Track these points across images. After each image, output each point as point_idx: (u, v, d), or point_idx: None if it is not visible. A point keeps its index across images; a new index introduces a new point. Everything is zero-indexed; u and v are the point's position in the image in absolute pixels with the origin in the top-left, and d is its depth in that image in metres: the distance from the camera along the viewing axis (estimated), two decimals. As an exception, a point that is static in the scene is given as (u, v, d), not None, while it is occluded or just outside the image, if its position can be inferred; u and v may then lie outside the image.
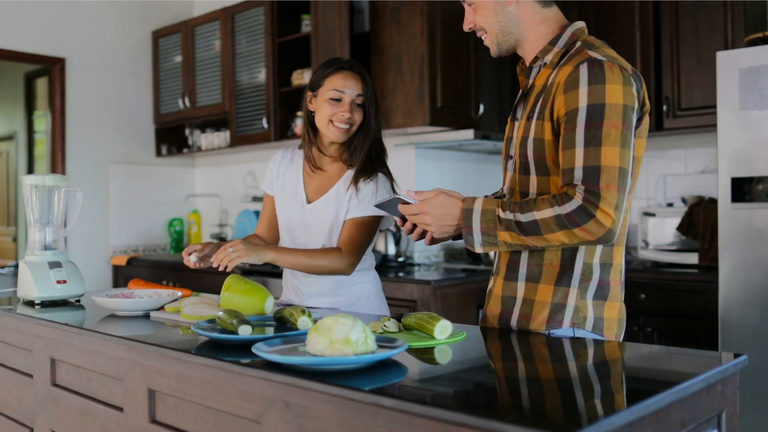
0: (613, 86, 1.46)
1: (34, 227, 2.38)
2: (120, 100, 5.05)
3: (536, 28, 1.64)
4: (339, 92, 2.12)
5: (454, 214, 1.56)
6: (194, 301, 1.97)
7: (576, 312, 1.58)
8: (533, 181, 1.60)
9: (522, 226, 1.48)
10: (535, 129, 1.57)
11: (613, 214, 1.43)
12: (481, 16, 1.66)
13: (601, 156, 1.44)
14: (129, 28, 5.09)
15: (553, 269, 1.59)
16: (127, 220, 5.08)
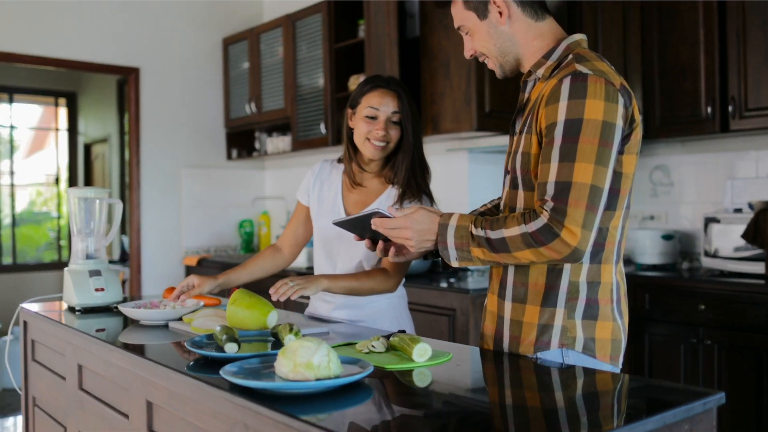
0: (593, 101, 1.44)
1: (77, 237, 2.52)
2: (192, 106, 5.26)
3: (531, 43, 1.62)
4: (374, 110, 2.12)
5: (432, 229, 1.57)
6: (207, 314, 2.04)
7: (564, 332, 1.56)
8: (520, 196, 1.59)
9: (492, 243, 1.49)
10: (524, 143, 1.57)
11: (579, 232, 1.42)
12: (478, 41, 1.65)
13: (574, 172, 1.42)
14: (200, 36, 5.29)
15: (538, 289, 1.58)
16: (198, 222, 5.28)
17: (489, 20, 1.61)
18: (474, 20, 1.63)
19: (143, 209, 5.05)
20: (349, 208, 2.25)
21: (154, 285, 5.08)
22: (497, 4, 1.60)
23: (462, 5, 1.65)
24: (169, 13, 5.14)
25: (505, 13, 1.60)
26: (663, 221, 3.99)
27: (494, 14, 1.60)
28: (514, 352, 1.62)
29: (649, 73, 3.74)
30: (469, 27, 1.65)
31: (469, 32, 1.66)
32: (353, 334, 2.06)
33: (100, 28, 4.87)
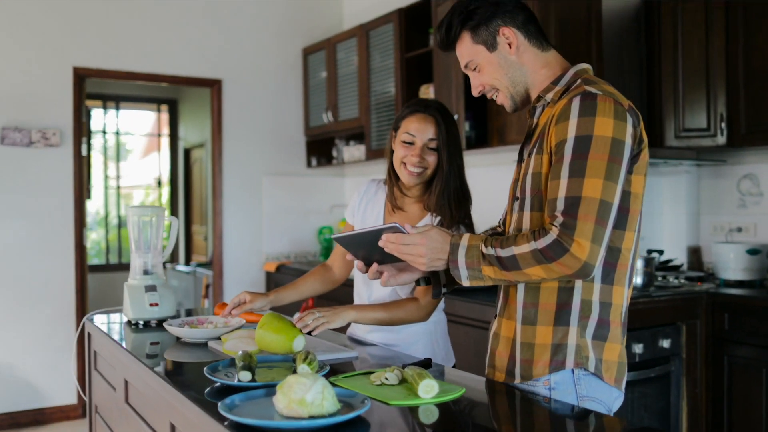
0: (603, 119, 1.46)
1: (136, 253, 2.63)
2: (272, 115, 5.38)
3: (539, 72, 1.66)
4: (411, 135, 2.09)
5: (444, 248, 1.58)
6: (241, 335, 2.08)
7: (578, 351, 1.56)
8: (526, 217, 1.60)
9: (502, 261, 1.50)
10: (534, 164, 1.58)
11: (588, 246, 1.42)
12: (487, 75, 1.67)
13: (583, 187, 1.44)
14: (281, 46, 5.40)
15: (550, 308, 1.58)
16: (279, 229, 5.40)
17: (498, 51, 1.64)
18: (483, 53, 1.65)
19: (225, 216, 5.21)
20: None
21: (235, 290, 5.23)
22: (506, 35, 1.63)
23: (469, 40, 1.67)
24: (251, 25, 5.28)
25: (515, 43, 1.63)
26: (751, 234, 3.75)
27: (503, 45, 1.64)
28: (527, 379, 1.60)
29: (733, 77, 3.52)
30: (479, 62, 1.67)
31: (478, 67, 1.68)
32: (384, 358, 2.04)
33: (185, 42, 5.07)
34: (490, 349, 1.76)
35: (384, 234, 1.64)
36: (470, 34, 1.66)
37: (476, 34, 1.65)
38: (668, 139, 3.70)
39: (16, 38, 4.53)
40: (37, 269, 4.57)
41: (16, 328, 4.50)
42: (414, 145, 2.10)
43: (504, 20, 1.63)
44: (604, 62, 3.65)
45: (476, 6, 1.65)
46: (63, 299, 4.63)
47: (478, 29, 1.65)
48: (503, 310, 1.70)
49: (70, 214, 4.65)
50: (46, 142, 4.54)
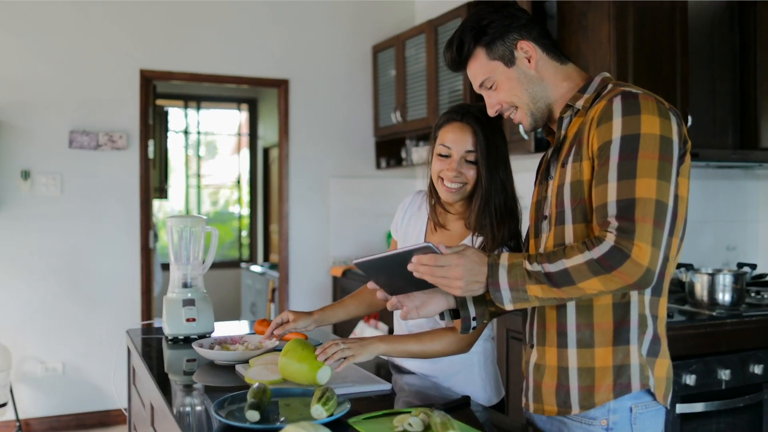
0: (648, 116, 1.39)
1: (175, 265, 2.52)
2: (340, 115, 5.25)
3: (561, 85, 1.59)
4: (446, 147, 1.88)
5: (482, 270, 1.44)
6: (267, 360, 1.93)
7: (641, 371, 1.47)
8: (569, 231, 1.50)
9: (552, 277, 1.39)
10: (572, 172, 1.49)
11: (649, 250, 1.32)
12: (505, 93, 1.59)
13: (635, 188, 1.35)
14: (349, 44, 5.25)
15: (607, 327, 1.48)
16: (346, 232, 5.27)
17: (517, 66, 1.57)
18: (500, 69, 1.58)
19: (291, 219, 5.12)
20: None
21: (301, 294, 5.14)
22: (524, 48, 1.56)
23: (484, 57, 1.59)
24: (318, 23, 5.15)
25: (534, 57, 1.56)
26: None
27: (522, 60, 1.57)
28: (587, 408, 1.50)
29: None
30: (496, 79, 1.59)
31: (495, 85, 1.60)
32: (420, 392, 1.85)
33: (251, 43, 4.99)
34: (533, 383, 1.60)
35: (415, 256, 1.45)
36: (485, 50, 1.58)
37: (492, 49, 1.58)
38: (764, 140, 3.33)
39: (83, 42, 4.56)
40: (104, 271, 4.60)
41: (83, 330, 4.54)
42: (450, 158, 1.88)
43: (520, 33, 1.57)
44: (690, 55, 3.31)
45: (489, 21, 1.57)
46: (129, 302, 4.64)
47: (493, 44, 1.57)
48: (541, 337, 1.58)
49: (137, 217, 4.66)
50: (113, 145, 4.56)
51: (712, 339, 2.85)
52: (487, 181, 1.86)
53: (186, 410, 1.69)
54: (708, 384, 2.76)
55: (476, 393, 1.94)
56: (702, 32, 3.44)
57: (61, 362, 4.50)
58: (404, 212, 2.15)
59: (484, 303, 1.61)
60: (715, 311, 2.94)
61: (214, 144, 9.06)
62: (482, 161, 1.85)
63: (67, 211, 4.52)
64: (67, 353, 4.51)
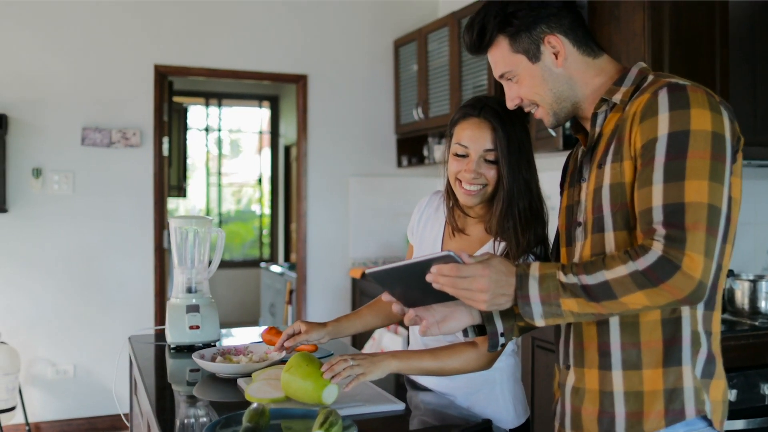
0: (699, 110, 1.25)
1: (179, 269, 2.38)
2: (360, 112, 5.09)
3: (592, 81, 1.44)
4: (463, 147, 1.71)
5: (510, 281, 1.30)
6: (270, 375, 1.78)
7: (697, 395, 1.32)
8: (609, 238, 1.35)
9: (590, 290, 1.24)
10: (611, 174, 1.34)
11: (702, 261, 1.18)
12: (527, 89, 1.45)
13: (685, 191, 1.22)
14: (370, 38, 5.10)
15: (656, 346, 1.33)
16: (366, 232, 5.12)
17: (542, 63, 1.42)
18: (524, 64, 1.43)
19: (309, 219, 4.97)
20: None
21: (319, 296, 5.00)
22: (552, 44, 1.41)
23: (507, 48, 1.44)
24: (338, 16, 5.00)
25: (562, 53, 1.41)
26: None
27: (548, 56, 1.42)
28: None
29: None
30: (518, 73, 1.45)
31: (516, 78, 1.46)
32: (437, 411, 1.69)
33: (268, 37, 4.85)
34: (571, 408, 1.44)
35: (434, 265, 1.29)
36: (508, 40, 1.43)
37: (516, 41, 1.42)
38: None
39: (96, 37, 4.45)
40: (117, 272, 4.49)
41: (95, 332, 4.43)
42: (468, 158, 1.71)
43: (549, 26, 1.40)
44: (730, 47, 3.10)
45: (515, 8, 1.41)
46: (142, 303, 4.53)
47: (518, 36, 1.41)
48: (579, 357, 1.42)
49: (150, 216, 4.54)
50: (127, 142, 4.44)
51: (754, 351, 2.65)
52: (510, 181, 1.69)
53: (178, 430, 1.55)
54: (750, 399, 2.57)
55: (498, 413, 1.77)
56: (743, 23, 3.23)
57: (72, 364, 4.40)
58: (420, 214, 1.99)
59: (513, 317, 1.47)
60: (758, 321, 2.74)
61: (237, 142, 8.98)
62: (503, 160, 1.68)
63: (79, 209, 4.41)
64: (79, 355, 4.40)
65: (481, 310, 1.38)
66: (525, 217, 1.70)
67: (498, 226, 1.72)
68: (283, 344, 1.95)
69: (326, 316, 4.90)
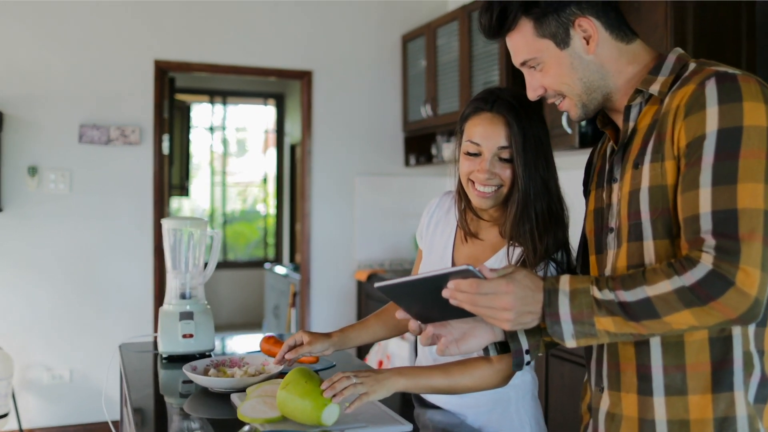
0: (752, 104, 1.12)
1: (172, 273, 2.24)
2: (367, 109, 4.95)
3: (625, 70, 1.29)
4: (475, 144, 1.58)
5: (537, 297, 1.17)
6: (266, 392, 1.63)
7: (751, 424, 1.18)
8: (648, 248, 1.21)
9: (629, 307, 1.12)
10: (650, 175, 1.20)
11: (758, 276, 1.06)
12: (553, 78, 1.30)
13: (737, 196, 1.09)
14: (377, 33, 4.95)
15: (703, 370, 1.19)
16: (372, 234, 4.97)
17: (571, 49, 1.27)
18: (550, 51, 1.28)
19: (313, 219, 4.83)
20: (459, 262, 1.71)
21: (324, 300, 4.85)
22: (583, 27, 1.26)
23: (531, 32, 1.28)
24: (344, 11, 4.86)
25: (594, 38, 1.26)
26: None
27: (578, 41, 1.27)
28: None
29: None
30: (543, 60, 1.29)
31: (541, 66, 1.30)
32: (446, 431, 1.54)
33: (272, 32, 4.71)
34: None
35: (452, 280, 1.17)
36: (533, 24, 1.28)
37: (542, 24, 1.27)
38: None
39: (94, 31, 4.31)
40: (115, 273, 4.35)
41: (92, 335, 4.30)
42: (481, 157, 1.58)
43: (580, 7, 1.26)
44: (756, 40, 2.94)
45: None
46: (141, 306, 4.39)
47: (544, 19, 1.27)
48: (614, 380, 1.28)
49: (150, 216, 4.40)
50: (125, 140, 4.31)
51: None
52: (526, 181, 1.55)
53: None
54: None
55: (515, 435, 1.62)
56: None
57: (68, 369, 4.26)
58: (430, 217, 1.85)
59: (539, 332, 1.33)
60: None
61: (242, 141, 8.86)
62: (518, 158, 1.55)
63: (76, 209, 4.27)
64: (75, 360, 4.26)
65: (504, 329, 1.24)
66: (543, 220, 1.57)
67: (513, 229, 1.59)
68: (283, 356, 1.81)
69: (331, 320, 4.77)
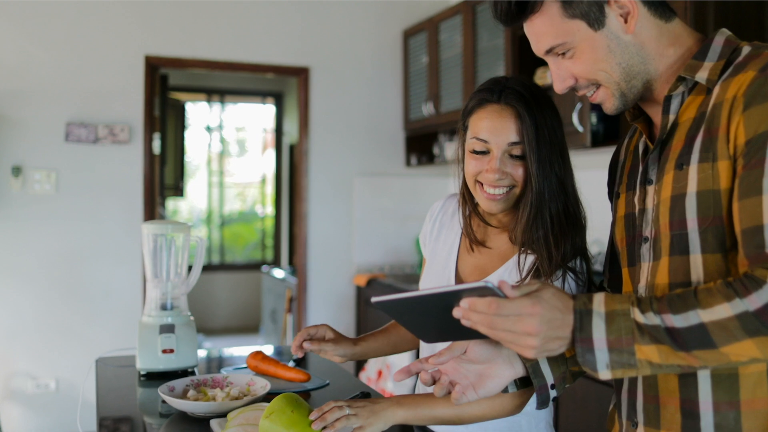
0: None
1: (152, 282, 2.06)
2: (367, 107, 4.78)
3: (665, 52, 1.12)
4: (482, 142, 1.40)
5: (567, 320, 0.99)
6: (248, 419, 1.45)
7: None
8: (695, 263, 1.05)
9: (678, 335, 0.95)
10: (698, 177, 1.04)
11: None
12: (587, 64, 1.12)
13: None
14: (377, 28, 4.78)
15: (761, 407, 1.02)
16: (372, 237, 4.80)
17: (607, 29, 1.10)
18: (583, 33, 1.11)
19: (310, 221, 4.65)
20: (464, 272, 1.54)
21: (321, 305, 4.68)
22: (619, 3, 1.09)
23: (559, 13, 1.10)
24: (342, 5, 4.68)
25: (633, 14, 1.09)
26: None
27: (614, 19, 1.10)
28: None
29: None
30: (574, 45, 1.11)
31: (572, 52, 1.13)
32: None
33: (268, 27, 4.54)
34: None
35: (465, 298, 0.98)
36: (560, 3, 1.11)
37: (571, 3, 1.10)
38: None
39: (82, 25, 4.13)
40: (103, 278, 4.18)
41: (79, 343, 4.13)
42: (489, 155, 1.41)
43: None
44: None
45: None
46: (130, 313, 4.21)
47: None
48: (652, 415, 1.12)
49: (139, 218, 4.22)
50: (114, 139, 4.13)
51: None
52: (540, 180, 1.38)
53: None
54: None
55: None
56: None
57: (54, 378, 4.08)
58: (433, 222, 1.68)
59: (564, 362, 1.16)
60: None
61: (241, 141, 8.70)
62: (531, 155, 1.38)
63: (62, 211, 4.10)
64: (62, 369, 4.09)
65: (526, 357, 1.05)
66: (559, 224, 1.40)
67: (525, 235, 1.41)
68: (301, 344, 1.63)
69: (329, 326, 4.59)
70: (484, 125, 1.40)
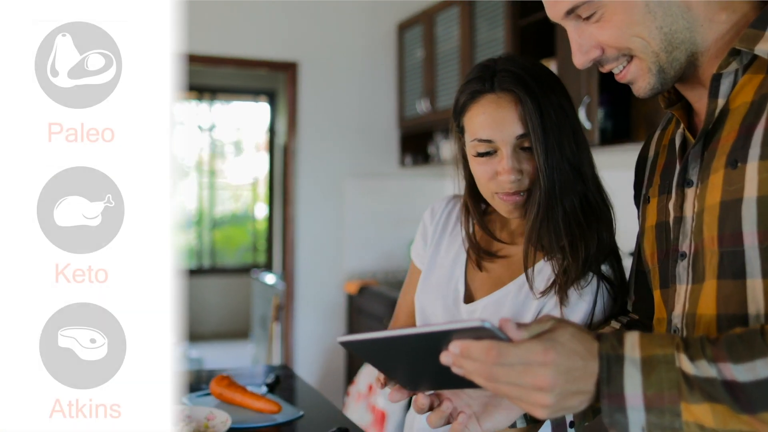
0: None
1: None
2: (359, 104, 4.59)
3: (716, 18, 0.88)
4: (486, 143, 1.20)
5: (590, 368, 0.75)
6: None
7: None
8: (755, 289, 0.80)
9: (741, 391, 0.71)
10: (759, 179, 0.79)
11: None
12: (619, 29, 0.88)
13: None
14: (370, 21, 4.59)
15: None
16: (364, 241, 4.60)
17: None
18: None
19: (298, 225, 4.43)
20: (474, 285, 1.32)
21: (310, 314, 4.46)
22: None
23: None
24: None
25: None
26: None
27: None
28: None
29: None
30: (602, 4, 0.87)
31: (598, 15, 0.89)
32: None
33: (253, 19, 4.34)
34: None
35: (456, 341, 0.75)
36: None
37: None
38: None
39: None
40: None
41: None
42: (497, 155, 1.20)
43: None
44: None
45: None
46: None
47: None
48: None
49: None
50: (88, 137, 3.90)
51: None
52: (548, 173, 1.17)
53: None
54: None
55: None
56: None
57: None
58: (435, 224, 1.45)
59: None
60: None
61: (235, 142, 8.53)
62: (538, 145, 1.17)
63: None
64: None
65: (537, 417, 0.82)
66: (576, 221, 1.18)
67: (532, 235, 1.21)
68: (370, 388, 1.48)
69: (317, 336, 4.41)
70: (483, 122, 1.20)
